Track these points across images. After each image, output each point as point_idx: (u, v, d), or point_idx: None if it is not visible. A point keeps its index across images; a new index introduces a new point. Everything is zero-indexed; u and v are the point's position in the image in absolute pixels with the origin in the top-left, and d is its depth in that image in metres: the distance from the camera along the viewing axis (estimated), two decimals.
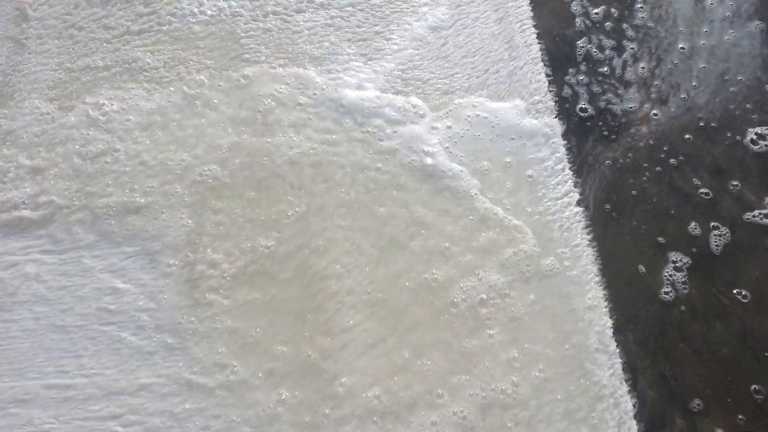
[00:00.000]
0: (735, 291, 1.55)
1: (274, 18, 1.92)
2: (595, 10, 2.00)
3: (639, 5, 2.02)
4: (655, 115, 1.82)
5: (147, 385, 1.41)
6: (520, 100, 1.81)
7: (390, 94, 1.80)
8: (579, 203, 1.67)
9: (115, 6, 1.92)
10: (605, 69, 1.90)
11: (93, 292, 1.51)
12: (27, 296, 1.51)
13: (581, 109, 1.83)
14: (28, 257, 1.55)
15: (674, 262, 1.59)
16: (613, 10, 2.01)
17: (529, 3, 1.99)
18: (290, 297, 1.51)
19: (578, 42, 1.94)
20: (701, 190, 1.69)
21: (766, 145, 1.76)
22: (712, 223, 1.64)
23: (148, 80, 1.80)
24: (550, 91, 1.84)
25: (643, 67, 1.90)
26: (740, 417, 1.41)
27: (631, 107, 1.84)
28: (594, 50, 1.93)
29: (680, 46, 1.94)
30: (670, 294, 1.55)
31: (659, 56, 1.93)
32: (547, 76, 1.87)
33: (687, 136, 1.79)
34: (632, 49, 1.94)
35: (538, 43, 1.92)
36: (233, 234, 1.58)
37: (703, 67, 1.90)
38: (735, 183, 1.70)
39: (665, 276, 1.57)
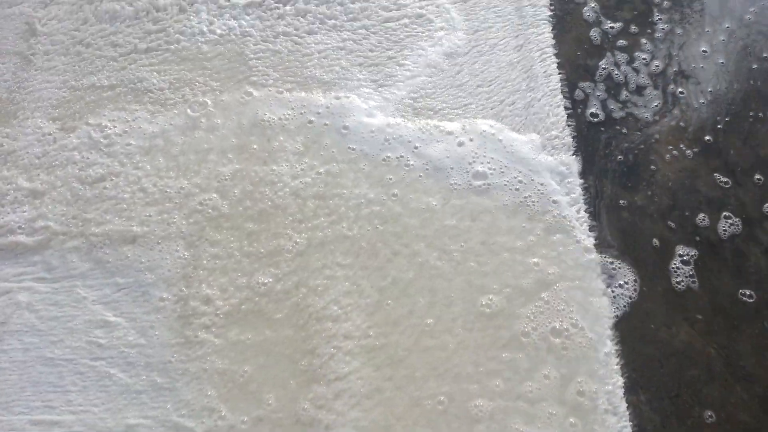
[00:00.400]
0: None
1: (284, 39, 1.86)
2: (622, 42, 1.90)
3: (665, 34, 1.91)
4: (677, 155, 1.72)
5: (134, 426, 1.37)
6: (536, 135, 1.72)
7: (400, 121, 1.74)
8: (594, 249, 1.58)
9: (124, 22, 1.88)
10: (628, 105, 1.80)
11: (84, 324, 1.47)
12: (18, 326, 1.48)
13: (600, 147, 1.74)
14: (21, 285, 1.52)
15: (688, 312, 1.49)
16: (643, 41, 1.90)
17: (551, 30, 1.90)
18: (284, 339, 1.45)
19: (601, 73, 1.85)
20: (724, 237, 1.59)
21: None
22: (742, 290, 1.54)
23: (152, 101, 1.76)
24: (569, 125, 1.75)
25: (666, 104, 1.80)
26: None
27: (654, 147, 1.73)
28: (617, 83, 1.83)
29: (708, 88, 1.83)
30: (675, 331, 1.45)
31: (686, 96, 1.82)
32: (566, 109, 1.78)
33: (716, 177, 1.68)
34: (657, 83, 1.84)
35: (559, 74, 1.83)
36: (229, 268, 1.53)
37: (733, 110, 1.79)
38: None
39: (679, 312, 1.48)
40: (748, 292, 1.52)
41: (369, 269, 1.54)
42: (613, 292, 1.51)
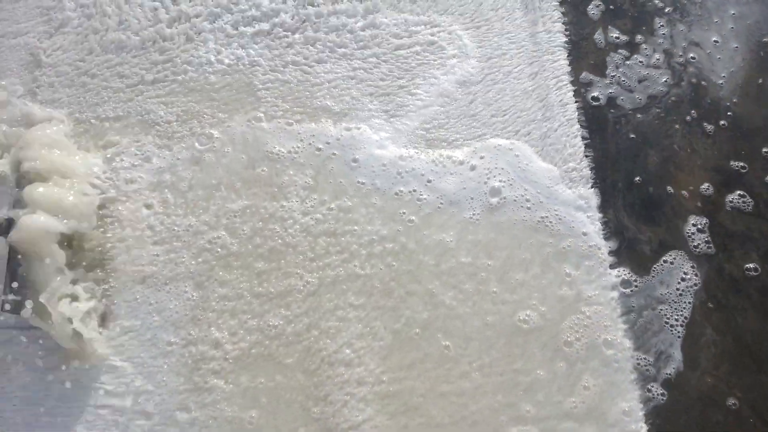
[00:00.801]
0: None
1: (293, 69, 1.82)
2: (642, 72, 1.85)
3: (689, 66, 1.86)
4: (697, 189, 1.67)
5: None
6: (553, 167, 1.67)
7: (412, 153, 1.69)
8: (615, 288, 1.52)
9: (130, 53, 1.84)
10: (647, 135, 1.75)
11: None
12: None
13: (619, 178, 1.69)
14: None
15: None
16: (662, 73, 1.85)
17: (567, 57, 1.85)
18: (295, 385, 1.41)
19: (618, 101, 1.80)
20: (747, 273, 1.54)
21: None
22: None
23: (159, 135, 1.72)
24: (587, 156, 1.70)
25: (684, 136, 1.75)
26: None
27: (674, 178, 1.68)
28: (633, 110, 1.78)
29: (730, 112, 1.78)
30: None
31: (703, 127, 1.77)
32: (584, 139, 1.73)
33: (737, 223, 1.63)
34: (676, 114, 1.79)
35: (575, 102, 1.78)
36: (239, 310, 1.49)
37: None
38: None
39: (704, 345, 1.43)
40: None
41: (382, 309, 1.49)
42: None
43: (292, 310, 1.49)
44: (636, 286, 1.54)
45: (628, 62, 1.85)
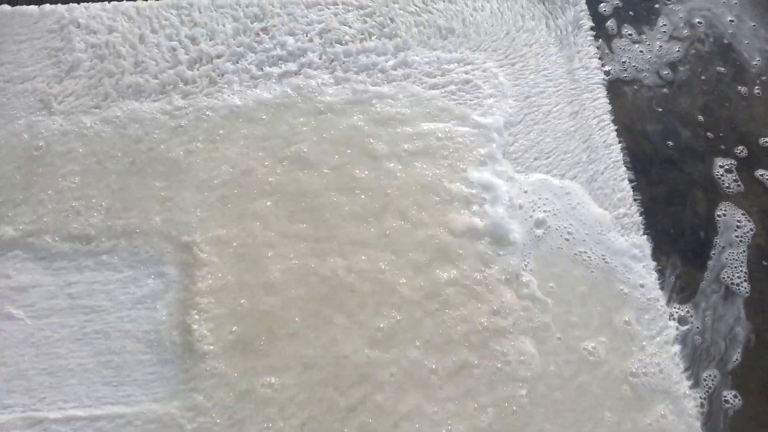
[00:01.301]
0: None
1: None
2: (689, 113, 1.80)
3: (723, 111, 1.82)
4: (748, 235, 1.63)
5: None
6: (606, 212, 1.61)
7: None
8: (676, 342, 1.47)
9: (150, 97, 1.72)
10: (692, 175, 1.70)
11: None
12: None
13: (669, 223, 1.64)
14: None
15: None
16: (700, 99, 1.81)
17: (606, 95, 1.80)
18: None
19: (666, 142, 1.75)
20: None
21: None
22: None
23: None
24: (636, 200, 1.65)
25: (732, 171, 1.71)
26: None
27: (727, 219, 1.64)
28: (678, 149, 1.74)
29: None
30: None
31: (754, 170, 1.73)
32: (630, 182, 1.68)
33: None
34: (724, 150, 1.75)
35: (619, 142, 1.73)
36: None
37: None
38: None
39: None
40: None
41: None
42: None
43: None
44: (698, 336, 1.48)
45: (669, 99, 1.81)
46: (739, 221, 1.63)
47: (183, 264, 1.51)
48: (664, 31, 1.93)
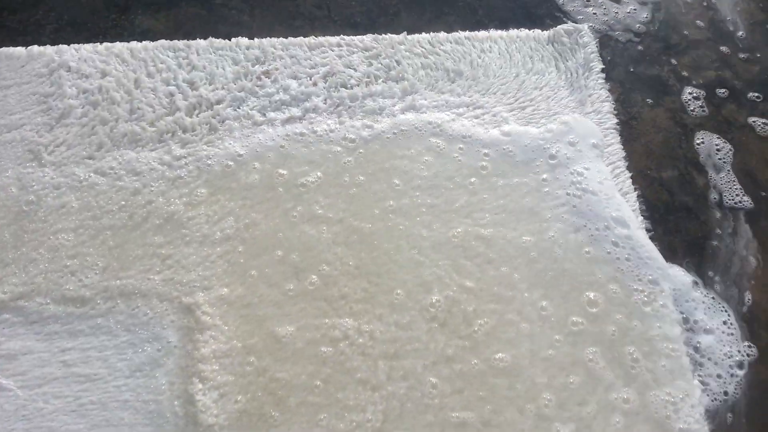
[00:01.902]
0: None
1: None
2: (704, 153, 1.77)
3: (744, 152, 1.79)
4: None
5: None
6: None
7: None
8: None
9: (146, 146, 1.64)
10: (712, 226, 1.66)
11: None
12: None
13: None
14: None
15: None
16: (716, 141, 1.78)
17: (620, 141, 1.75)
18: None
19: (682, 187, 1.71)
20: None
21: None
22: None
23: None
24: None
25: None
26: None
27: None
28: (694, 197, 1.70)
29: None
30: None
31: None
32: (648, 231, 1.63)
33: None
34: (739, 196, 1.71)
35: (635, 190, 1.68)
36: None
37: None
38: None
39: None
40: None
41: None
42: None
43: None
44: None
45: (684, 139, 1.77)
46: None
47: (185, 327, 1.43)
48: None
